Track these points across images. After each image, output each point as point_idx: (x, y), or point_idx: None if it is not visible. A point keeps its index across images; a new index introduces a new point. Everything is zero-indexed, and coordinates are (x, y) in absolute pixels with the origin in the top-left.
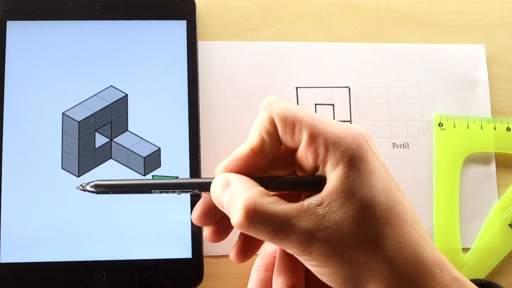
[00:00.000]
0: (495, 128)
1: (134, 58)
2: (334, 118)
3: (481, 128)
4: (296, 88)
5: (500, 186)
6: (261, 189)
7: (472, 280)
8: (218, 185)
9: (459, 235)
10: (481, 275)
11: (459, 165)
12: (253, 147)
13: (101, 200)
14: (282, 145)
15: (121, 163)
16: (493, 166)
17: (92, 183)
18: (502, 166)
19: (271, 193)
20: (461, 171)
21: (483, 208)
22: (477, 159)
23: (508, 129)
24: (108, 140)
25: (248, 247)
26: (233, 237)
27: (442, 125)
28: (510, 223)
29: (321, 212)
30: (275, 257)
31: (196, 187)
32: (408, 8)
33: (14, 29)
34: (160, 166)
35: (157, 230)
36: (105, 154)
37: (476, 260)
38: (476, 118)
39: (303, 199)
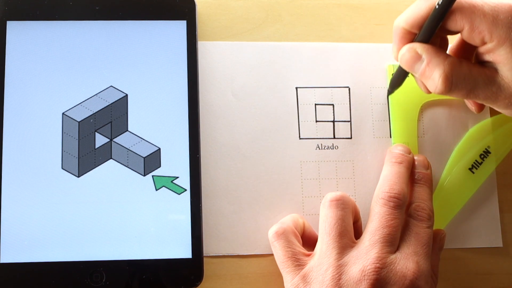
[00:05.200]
0: None
1: (134, 58)
2: (334, 118)
3: None
4: (296, 88)
5: (459, 131)
6: (453, 59)
7: None
8: (408, 58)
9: None
10: (446, 219)
11: (415, 115)
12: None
13: (101, 200)
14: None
15: (121, 163)
16: (451, 112)
17: None
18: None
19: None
20: (418, 120)
21: (443, 154)
22: (434, 106)
23: None
24: (108, 140)
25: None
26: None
27: None
28: (470, 167)
29: (499, 78)
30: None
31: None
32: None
33: (14, 29)
34: (160, 166)
35: (157, 230)
36: (105, 154)
37: (440, 206)
38: None
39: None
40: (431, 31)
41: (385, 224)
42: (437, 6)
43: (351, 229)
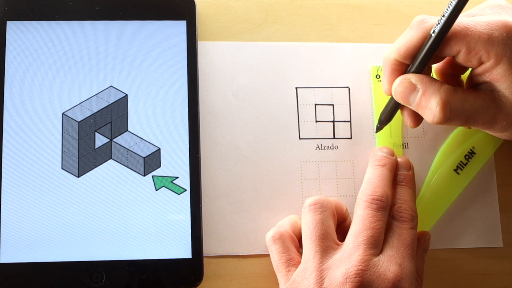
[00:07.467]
0: (432, 75)
1: (134, 58)
2: (334, 118)
3: None
4: (296, 88)
5: (444, 132)
6: (448, 87)
7: None
8: (402, 90)
9: None
10: (431, 221)
11: (399, 115)
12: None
13: (101, 200)
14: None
15: (121, 163)
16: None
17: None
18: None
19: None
20: (402, 121)
21: (428, 154)
22: None
23: None
24: (108, 140)
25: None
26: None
27: (379, 76)
28: (455, 168)
29: (496, 98)
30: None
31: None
32: (408, 8)
33: (14, 29)
34: (160, 166)
35: (157, 230)
36: (105, 154)
37: (425, 207)
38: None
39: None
40: (425, 61)
41: (368, 226)
42: (432, 34)
43: (332, 231)
